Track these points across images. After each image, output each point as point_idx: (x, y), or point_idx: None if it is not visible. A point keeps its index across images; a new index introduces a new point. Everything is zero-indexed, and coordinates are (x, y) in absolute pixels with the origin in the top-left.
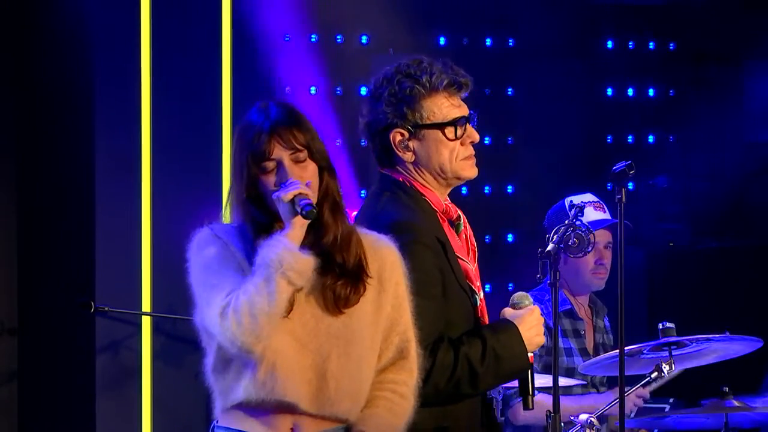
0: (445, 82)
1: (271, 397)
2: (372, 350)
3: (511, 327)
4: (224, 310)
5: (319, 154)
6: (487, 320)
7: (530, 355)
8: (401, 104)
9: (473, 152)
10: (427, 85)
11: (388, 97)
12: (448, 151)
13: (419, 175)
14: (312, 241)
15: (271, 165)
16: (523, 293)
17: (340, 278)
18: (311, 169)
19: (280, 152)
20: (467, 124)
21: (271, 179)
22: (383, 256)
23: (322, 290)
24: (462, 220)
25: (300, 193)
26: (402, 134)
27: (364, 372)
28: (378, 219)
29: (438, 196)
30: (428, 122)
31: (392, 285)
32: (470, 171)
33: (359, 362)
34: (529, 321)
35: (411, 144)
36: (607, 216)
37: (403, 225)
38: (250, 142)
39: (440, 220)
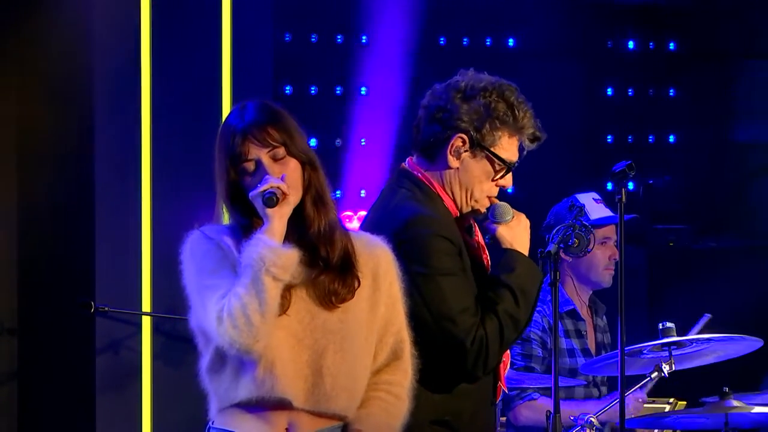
0: (530, 132)
1: (271, 395)
2: (367, 348)
3: (516, 255)
4: (220, 314)
5: (299, 149)
6: None
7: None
8: (486, 119)
9: (496, 193)
10: (517, 123)
11: (478, 105)
12: (483, 184)
13: (448, 181)
14: (298, 236)
15: (250, 166)
16: (502, 204)
17: (326, 272)
18: (292, 165)
19: (256, 152)
20: (510, 172)
21: (251, 180)
22: (377, 255)
23: (312, 285)
24: (474, 229)
25: (271, 187)
26: (464, 141)
27: (359, 369)
28: (396, 212)
29: (454, 206)
30: (492, 150)
31: (386, 284)
32: (484, 207)
33: (354, 359)
34: (521, 233)
35: (464, 155)
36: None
37: (424, 218)
38: (227, 146)
39: (455, 224)
